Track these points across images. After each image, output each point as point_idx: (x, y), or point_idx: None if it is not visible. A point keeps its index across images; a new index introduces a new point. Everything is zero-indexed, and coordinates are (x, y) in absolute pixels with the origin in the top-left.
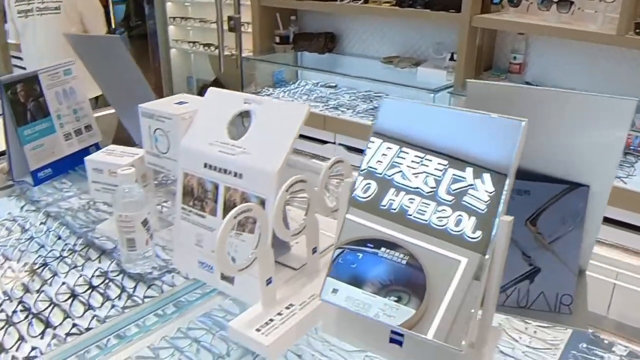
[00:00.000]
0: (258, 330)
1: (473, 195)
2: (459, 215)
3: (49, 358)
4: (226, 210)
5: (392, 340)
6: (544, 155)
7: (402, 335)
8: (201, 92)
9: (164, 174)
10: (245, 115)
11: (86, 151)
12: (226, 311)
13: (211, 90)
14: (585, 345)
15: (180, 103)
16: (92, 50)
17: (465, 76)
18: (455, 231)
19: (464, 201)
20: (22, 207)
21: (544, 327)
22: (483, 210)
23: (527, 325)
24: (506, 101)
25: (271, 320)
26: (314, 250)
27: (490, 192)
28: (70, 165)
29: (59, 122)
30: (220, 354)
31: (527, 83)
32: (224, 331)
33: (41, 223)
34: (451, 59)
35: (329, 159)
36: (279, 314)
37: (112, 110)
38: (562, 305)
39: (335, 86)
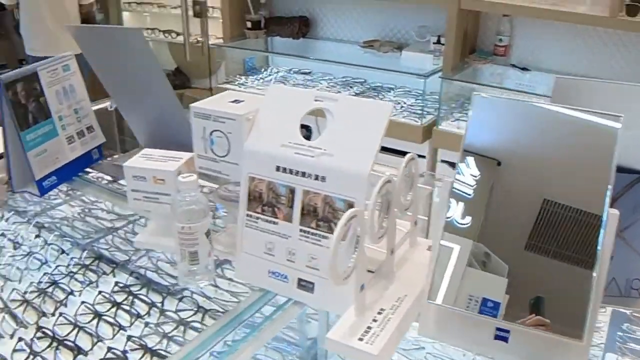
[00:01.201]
0: (360, 339)
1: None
2: None
3: None
4: (307, 215)
5: (497, 337)
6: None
7: (508, 331)
8: None
9: None
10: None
11: (89, 155)
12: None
13: (273, 87)
14: (627, 325)
15: (236, 102)
16: (101, 42)
17: (454, 60)
18: None
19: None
20: (6, 220)
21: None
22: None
23: None
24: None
25: (369, 327)
26: (392, 252)
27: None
28: (74, 171)
29: (60, 124)
30: None
31: (513, 65)
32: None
33: (36, 236)
34: (437, 42)
35: None
36: (374, 320)
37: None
38: (632, 289)
39: (310, 72)
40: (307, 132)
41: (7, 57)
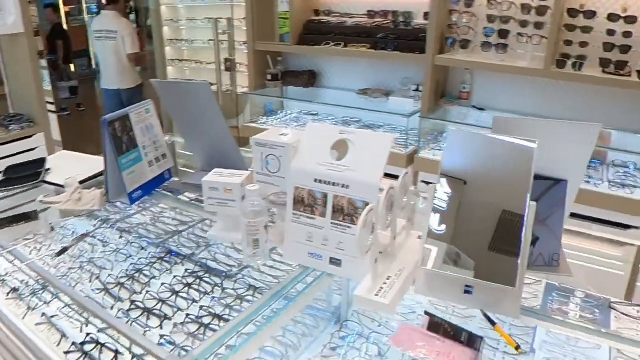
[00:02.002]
0: (376, 295)
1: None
2: None
3: (200, 351)
4: (336, 212)
5: (465, 292)
6: (541, 162)
7: (472, 287)
8: None
9: None
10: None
11: (162, 175)
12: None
13: (310, 125)
14: (556, 292)
15: (283, 134)
16: (176, 91)
17: (429, 103)
18: None
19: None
20: (94, 226)
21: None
22: None
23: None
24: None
25: (381, 288)
26: (394, 238)
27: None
28: (153, 186)
29: (144, 152)
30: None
31: (474, 107)
32: None
33: (120, 237)
34: (416, 90)
35: None
36: (385, 283)
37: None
38: (553, 261)
39: (317, 114)
40: None
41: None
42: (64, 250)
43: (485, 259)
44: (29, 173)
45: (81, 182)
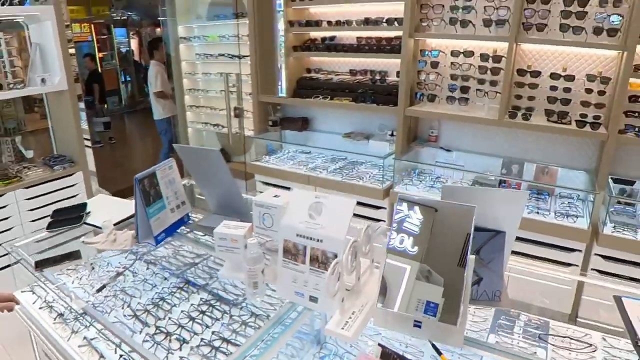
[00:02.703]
0: (342, 328)
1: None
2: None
3: None
4: (313, 260)
5: (414, 325)
6: (485, 217)
7: (420, 321)
8: None
9: None
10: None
11: (182, 219)
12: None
13: (294, 191)
14: (503, 317)
15: (276, 196)
16: (195, 156)
17: (402, 146)
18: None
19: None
20: (125, 257)
21: (480, 309)
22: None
23: (474, 309)
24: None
25: (347, 322)
26: (359, 278)
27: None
28: (174, 229)
29: (167, 202)
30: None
31: (441, 148)
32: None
33: (147, 268)
34: (391, 134)
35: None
36: (350, 317)
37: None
38: (495, 296)
39: (310, 152)
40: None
41: None
42: (102, 287)
43: (455, 274)
44: (73, 216)
45: (115, 224)
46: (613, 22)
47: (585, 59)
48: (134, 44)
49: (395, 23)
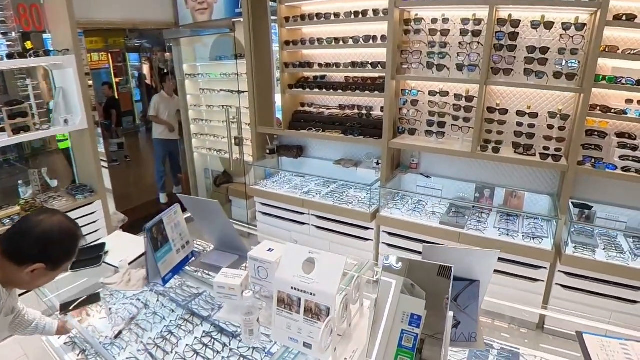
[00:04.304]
0: None
1: None
2: None
3: None
4: (306, 311)
5: None
6: (462, 269)
7: None
8: (215, 180)
9: None
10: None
11: (187, 258)
12: None
13: (289, 246)
14: (475, 353)
15: (270, 250)
16: (197, 204)
17: (387, 173)
18: None
19: None
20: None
21: (457, 351)
22: None
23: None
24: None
25: None
26: (350, 325)
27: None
28: (180, 267)
29: (173, 244)
30: None
31: (421, 174)
32: None
33: (157, 300)
34: (377, 163)
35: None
36: None
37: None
38: (472, 338)
39: (304, 176)
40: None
41: None
42: (119, 333)
43: (436, 285)
44: (93, 256)
45: (130, 263)
46: (571, 66)
47: (547, 98)
48: (145, 68)
49: (379, 66)
